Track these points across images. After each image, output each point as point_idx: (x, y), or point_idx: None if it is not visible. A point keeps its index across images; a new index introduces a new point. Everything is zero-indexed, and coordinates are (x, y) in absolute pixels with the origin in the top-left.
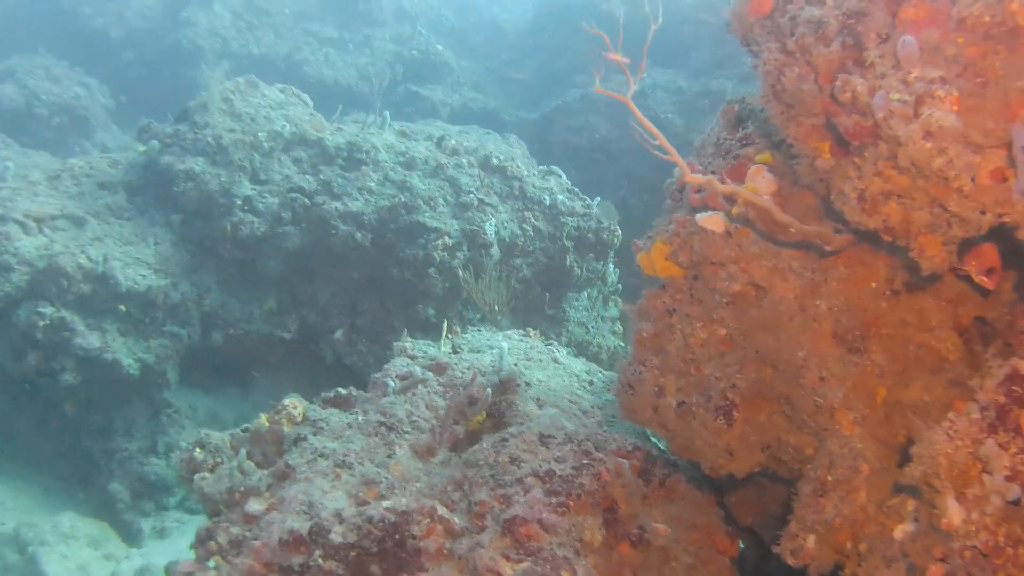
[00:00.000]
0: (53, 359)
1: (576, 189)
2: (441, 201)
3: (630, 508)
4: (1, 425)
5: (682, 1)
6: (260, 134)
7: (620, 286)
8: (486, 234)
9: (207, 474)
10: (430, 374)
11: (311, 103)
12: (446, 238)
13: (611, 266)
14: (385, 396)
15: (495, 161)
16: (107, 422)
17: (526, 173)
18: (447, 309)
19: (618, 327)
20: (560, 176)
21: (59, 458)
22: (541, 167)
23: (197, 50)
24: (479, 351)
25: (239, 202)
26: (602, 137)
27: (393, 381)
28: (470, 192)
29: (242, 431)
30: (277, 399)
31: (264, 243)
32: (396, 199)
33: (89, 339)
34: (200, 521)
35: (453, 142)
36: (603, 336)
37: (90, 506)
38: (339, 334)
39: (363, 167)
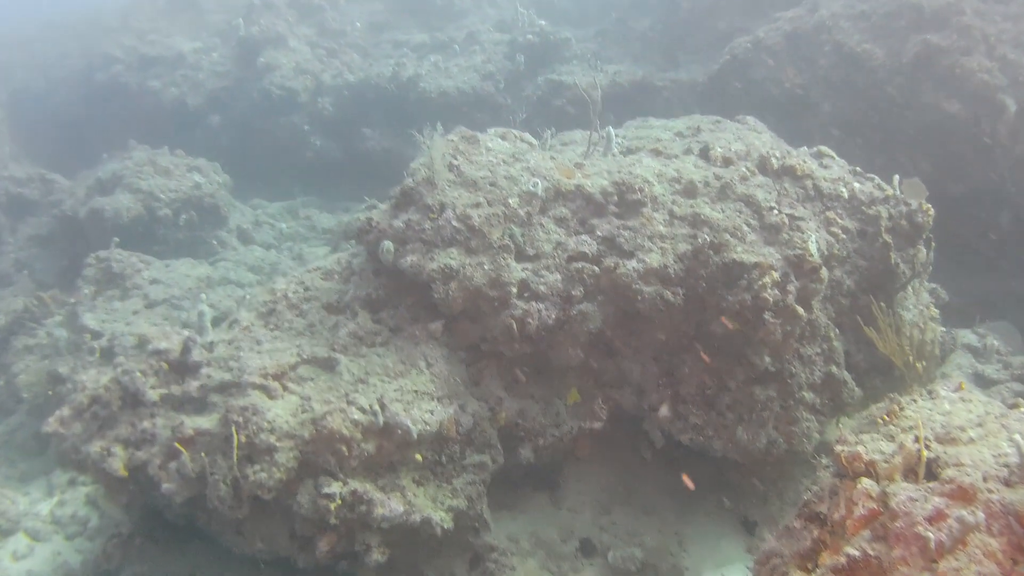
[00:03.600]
0: (352, 539)
1: (859, 168)
2: (746, 228)
3: None
4: None
5: None
6: (511, 200)
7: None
8: (812, 256)
9: None
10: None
11: (535, 141)
12: (772, 273)
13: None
14: None
15: (775, 162)
16: None
17: (815, 167)
18: (783, 352)
19: (935, 311)
20: (834, 157)
21: None
22: (804, 149)
23: (289, 93)
24: (952, 438)
25: (514, 290)
26: (792, 85)
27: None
28: (772, 208)
29: None
30: (598, 503)
31: (558, 331)
32: (697, 239)
33: (391, 506)
34: None
35: (720, 150)
36: (932, 329)
37: None
38: (664, 410)
39: (642, 209)
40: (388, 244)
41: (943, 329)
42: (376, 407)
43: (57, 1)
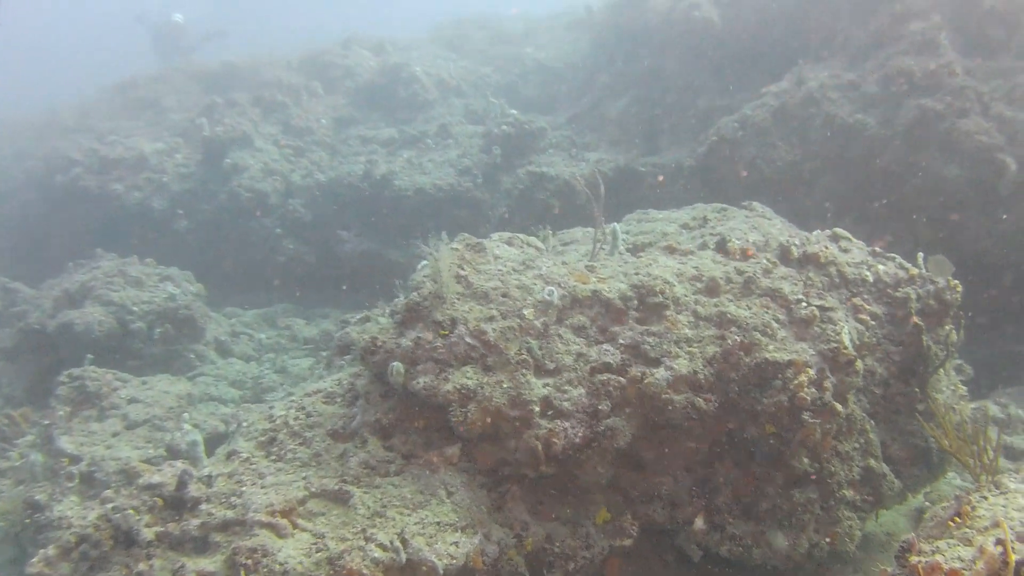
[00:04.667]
0: None
1: (878, 248)
2: (775, 325)
3: None
4: None
5: None
6: (525, 312)
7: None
8: (847, 348)
9: None
10: None
11: (542, 245)
12: (808, 370)
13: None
14: None
15: (795, 251)
16: None
17: (837, 252)
18: (821, 451)
19: (963, 389)
20: (851, 239)
21: None
22: (818, 232)
23: (259, 195)
24: None
25: (537, 409)
26: (787, 162)
27: None
28: (800, 301)
29: None
30: None
31: (585, 449)
32: (726, 340)
33: None
34: None
35: (737, 242)
36: (964, 408)
37: None
38: (699, 523)
39: (665, 312)
40: (398, 366)
41: (974, 406)
42: (397, 543)
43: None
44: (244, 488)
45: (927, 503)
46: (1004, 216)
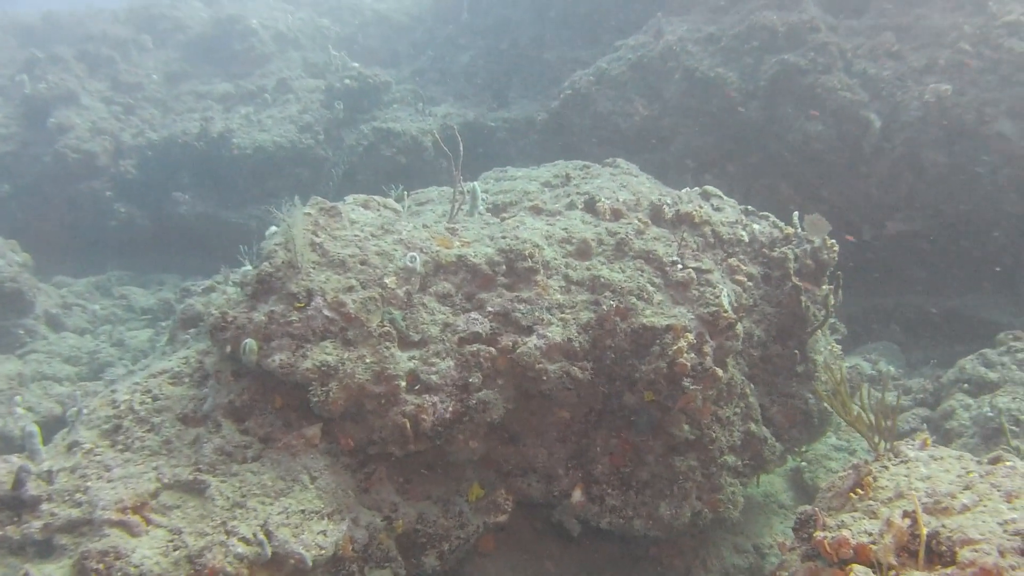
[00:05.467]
0: None
1: (751, 207)
2: (651, 288)
3: None
4: None
5: None
6: (387, 280)
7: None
8: (727, 312)
9: None
10: None
11: (400, 207)
12: (688, 335)
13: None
14: None
15: (668, 210)
16: None
17: (711, 212)
18: (701, 417)
19: (837, 348)
20: (723, 196)
21: None
22: (688, 190)
23: (87, 156)
24: (943, 507)
25: (403, 384)
26: (644, 118)
27: None
28: (676, 263)
29: None
30: None
31: (456, 424)
32: (601, 306)
33: None
34: None
35: (607, 202)
36: (840, 368)
37: None
38: (578, 495)
39: (535, 277)
40: (251, 343)
41: (848, 365)
42: (261, 536)
43: None
44: (89, 483)
45: (803, 463)
46: (867, 172)
